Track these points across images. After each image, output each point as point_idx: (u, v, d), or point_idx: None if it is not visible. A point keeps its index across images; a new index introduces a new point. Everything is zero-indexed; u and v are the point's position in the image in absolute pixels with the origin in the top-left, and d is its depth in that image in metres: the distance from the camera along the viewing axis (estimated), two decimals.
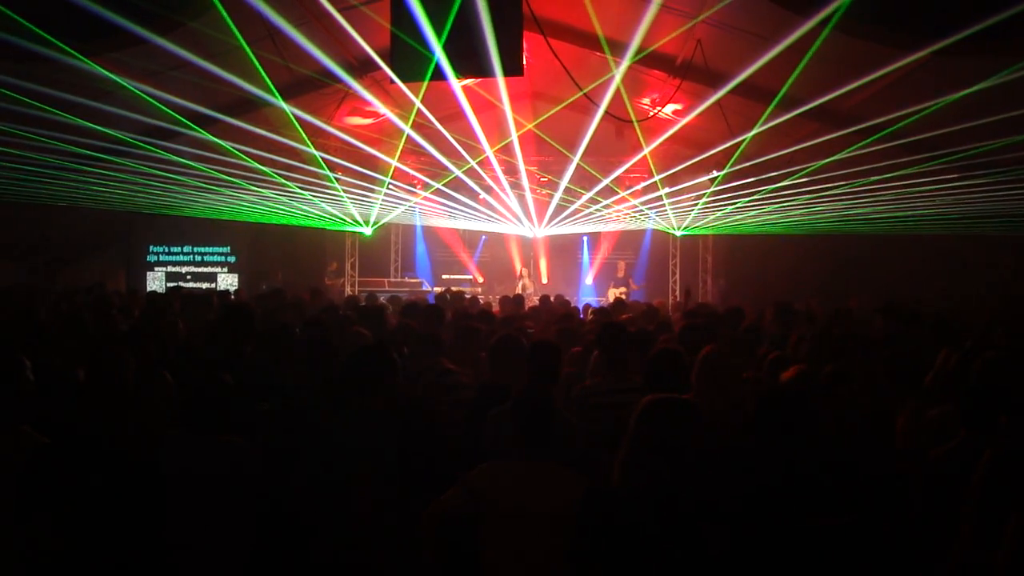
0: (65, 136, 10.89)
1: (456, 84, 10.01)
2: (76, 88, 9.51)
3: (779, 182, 13.04)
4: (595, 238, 19.75)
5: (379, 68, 10.41)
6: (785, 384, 4.09)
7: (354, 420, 3.71)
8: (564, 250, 19.80)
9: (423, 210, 18.31)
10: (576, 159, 14.17)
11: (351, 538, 3.55)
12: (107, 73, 9.07)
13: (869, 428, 4.03)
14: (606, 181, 15.71)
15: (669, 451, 2.83)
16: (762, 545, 2.73)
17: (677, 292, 18.15)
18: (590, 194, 16.45)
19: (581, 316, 9.47)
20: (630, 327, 6.32)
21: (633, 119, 11.71)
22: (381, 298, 11.73)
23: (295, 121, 11.91)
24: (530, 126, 13.84)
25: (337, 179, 14.85)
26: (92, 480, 3.54)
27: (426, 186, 16.76)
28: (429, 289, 16.96)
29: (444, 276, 18.95)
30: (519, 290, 16.81)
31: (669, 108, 12.38)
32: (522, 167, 15.10)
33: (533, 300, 13.30)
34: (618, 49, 10.16)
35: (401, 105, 12.14)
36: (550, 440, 3.17)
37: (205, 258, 19.04)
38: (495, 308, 10.01)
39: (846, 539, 2.69)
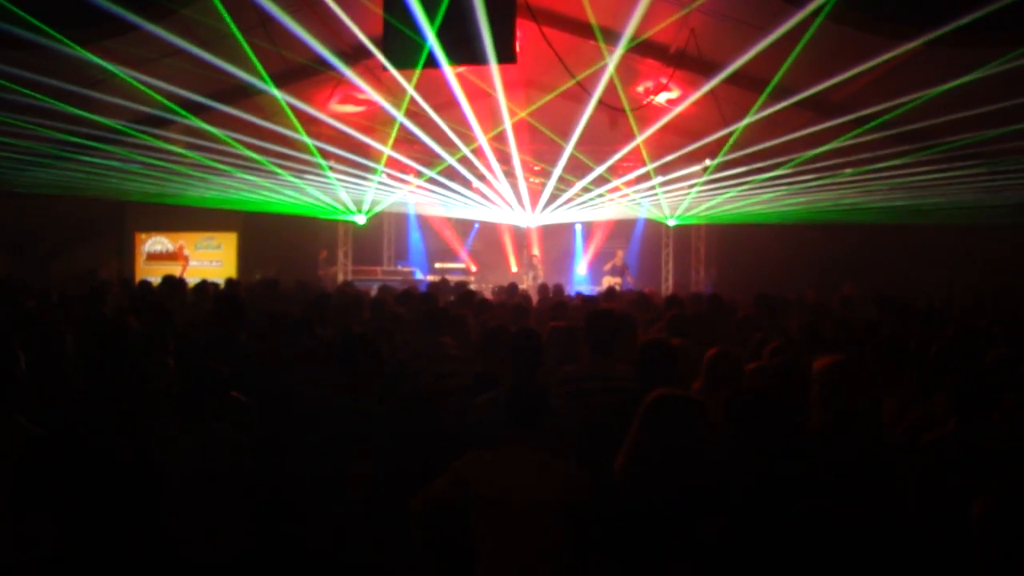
0: (57, 124, 10.84)
1: (449, 71, 9.99)
2: (68, 76, 9.47)
3: (771, 171, 13.07)
4: (588, 227, 19.77)
5: (372, 55, 10.38)
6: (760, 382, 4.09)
7: (347, 409, 3.73)
8: (557, 239, 19.82)
9: (416, 198, 18.29)
10: (569, 148, 14.18)
11: (346, 527, 3.57)
12: (99, 61, 9.03)
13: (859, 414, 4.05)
14: (599, 170, 15.72)
15: (674, 447, 2.83)
16: (753, 529, 2.75)
17: (670, 281, 18.19)
18: (584, 182, 16.45)
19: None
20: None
21: (626, 108, 11.70)
22: (373, 287, 11.74)
23: (287, 108, 11.88)
24: (523, 114, 13.82)
25: (330, 167, 14.84)
26: (87, 470, 3.55)
27: (419, 174, 16.73)
28: (421, 278, 16.96)
29: (437, 264, 18.95)
30: (530, 279, 16.87)
31: (663, 96, 12.36)
32: (515, 155, 15.08)
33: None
34: (611, 37, 10.15)
35: (394, 93, 12.11)
36: (542, 429, 3.19)
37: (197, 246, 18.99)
38: (488, 296, 10.03)
39: (834, 522, 2.72)
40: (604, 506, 2.90)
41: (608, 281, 16.64)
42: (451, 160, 15.13)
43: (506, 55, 8.64)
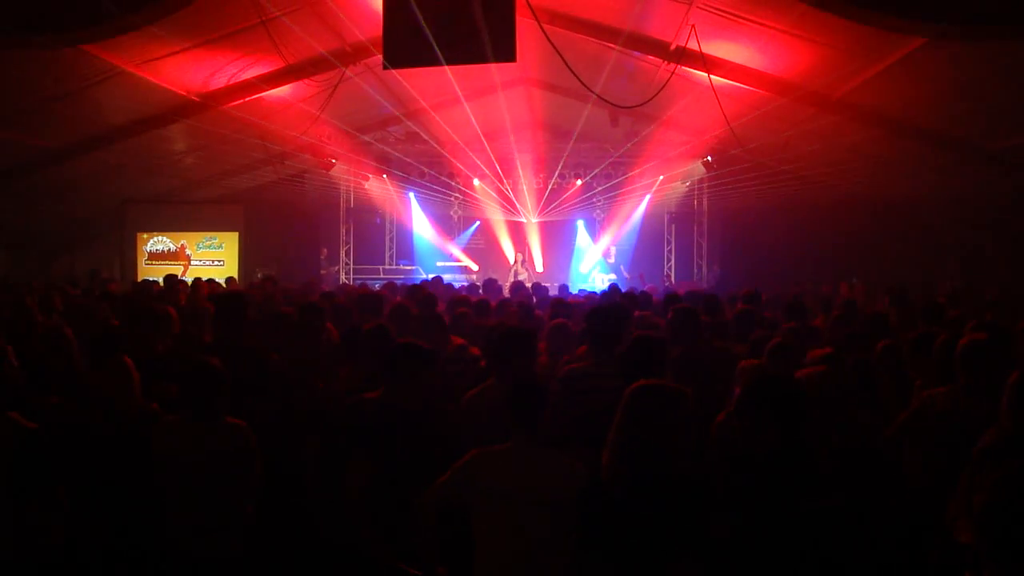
0: (57, 123, 10.86)
1: (449, 70, 9.97)
2: (69, 75, 9.47)
3: (773, 168, 13.06)
4: (590, 225, 19.71)
5: (372, 54, 10.36)
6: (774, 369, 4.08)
7: (350, 404, 3.73)
8: (560, 237, 19.75)
9: (419, 196, 18.30)
10: (570, 145, 14.19)
11: (348, 520, 3.56)
12: (102, 59, 9.05)
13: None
14: (601, 167, 15.74)
15: (657, 437, 2.82)
16: (758, 528, 2.74)
17: (673, 278, 18.16)
18: (585, 179, 16.46)
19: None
20: None
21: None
22: (376, 286, 11.75)
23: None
24: (525, 109, 13.83)
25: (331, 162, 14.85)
26: (85, 464, 3.54)
27: (421, 173, 16.72)
28: (423, 275, 16.96)
29: (439, 263, 18.94)
30: (511, 278, 16.81)
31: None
32: (516, 154, 15.09)
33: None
34: (612, 34, 10.13)
35: (395, 92, 12.10)
36: (543, 425, 3.19)
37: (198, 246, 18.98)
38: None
39: (841, 521, 2.70)
40: (596, 501, 2.90)
41: (601, 279, 16.63)
42: (452, 159, 15.13)
43: (505, 53, 8.61)
